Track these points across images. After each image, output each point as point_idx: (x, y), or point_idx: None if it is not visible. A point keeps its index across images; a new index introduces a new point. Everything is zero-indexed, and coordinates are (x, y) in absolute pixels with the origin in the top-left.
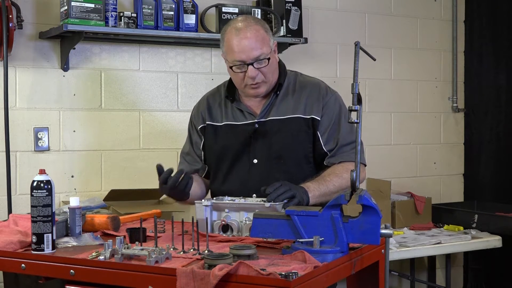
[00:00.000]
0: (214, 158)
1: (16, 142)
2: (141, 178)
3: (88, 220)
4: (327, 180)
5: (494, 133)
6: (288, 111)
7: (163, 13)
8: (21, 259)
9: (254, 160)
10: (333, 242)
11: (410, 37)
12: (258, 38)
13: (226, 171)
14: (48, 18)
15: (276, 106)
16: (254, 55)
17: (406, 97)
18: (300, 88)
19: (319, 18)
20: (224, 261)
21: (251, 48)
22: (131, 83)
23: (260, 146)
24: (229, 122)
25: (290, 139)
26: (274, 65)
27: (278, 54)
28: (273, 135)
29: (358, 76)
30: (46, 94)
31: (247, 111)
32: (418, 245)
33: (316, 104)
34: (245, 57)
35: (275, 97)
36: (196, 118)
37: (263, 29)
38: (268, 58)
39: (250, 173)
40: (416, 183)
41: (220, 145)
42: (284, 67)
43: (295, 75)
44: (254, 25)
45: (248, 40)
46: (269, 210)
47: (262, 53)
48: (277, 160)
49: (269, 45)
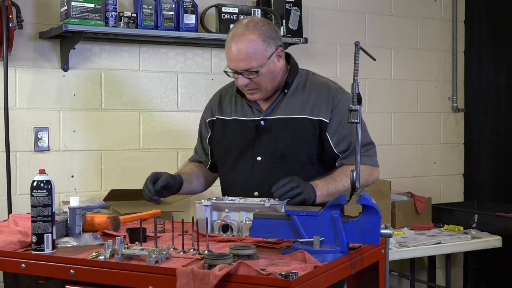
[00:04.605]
0: (220, 152)
1: (16, 142)
2: (141, 178)
3: (88, 220)
4: (337, 180)
5: (494, 133)
6: (295, 111)
7: (163, 13)
8: (21, 259)
9: (257, 158)
10: (333, 242)
11: (410, 37)
12: (249, 50)
13: (230, 165)
14: (48, 18)
15: (283, 104)
16: (241, 67)
17: (406, 97)
18: (309, 88)
19: (319, 18)
20: (224, 261)
21: (239, 60)
22: (131, 83)
23: (265, 144)
24: (238, 117)
25: (294, 139)
26: (272, 73)
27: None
28: (278, 134)
29: (358, 76)
30: (46, 94)
31: (255, 107)
32: (418, 245)
33: (325, 106)
34: (234, 66)
35: (282, 95)
36: (206, 111)
37: (261, 39)
38: (257, 71)
39: (253, 170)
40: (416, 183)
41: (227, 139)
42: (295, 66)
43: (307, 74)
44: (250, 34)
45: (238, 51)
46: (269, 210)
47: (250, 66)
48: (280, 159)
49: (263, 56)
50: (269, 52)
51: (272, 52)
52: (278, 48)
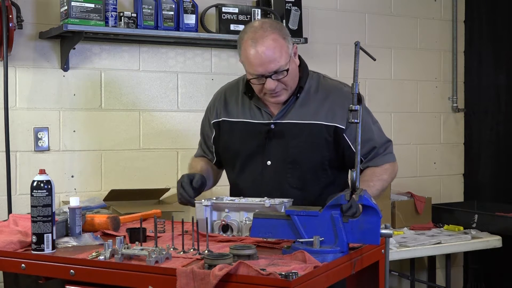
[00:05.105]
0: (228, 155)
1: (16, 142)
2: (141, 178)
3: (88, 220)
4: (371, 185)
5: (494, 133)
6: (308, 116)
7: (163, 13)
8: (21, 259)
9: (267, 162)
10: (333, 242)
11: (410, 37)
12: (275, 49)
13: (239, 169)
14: (48, 18)
15: (296, 109)
16: (271, 69)
17: (406, 97)
18: (323, 92)
19: (319, 18)
20: (224, 261)
21: (269, 61)
22: (131, 83)
23: (275, 148)
24: (246, 119)
25: (307, 144)
26: (295, 71)
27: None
28: (290, 139)
29: (358, 76)
30: (46, 94)
31: (265, 110)
32: (418, 245)
33: (341, 112)
34: (263, 70)
35: (295, 99)
36: (211, 111)
37: (281, 37)
38: (287, 70)
39: (262, 174)
40: (416, 183)
41: (235, 142)
42: (306, 68)
43: (318, 77)
44: (271, 34)
45: (265, 53)
46: (269, 210)
47: (280, 66)
48: (291, 165)
49: (287, 53)
50: (290, 49)
51: (292, 49)
52: (294, 44)
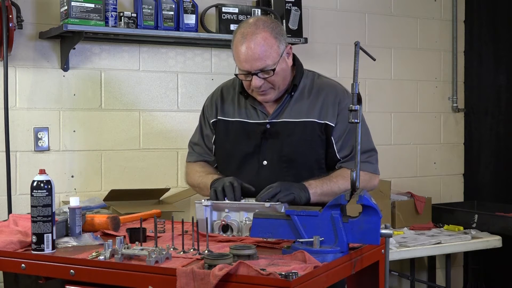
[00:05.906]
0: (223, 155)
1: (16, 142)
2: (141, 178)
3: (88, 220)
4: (333, 181)
5: (494, 133)
6: (302, 114)
7: (163, 13)
8: (21, 259)
9: (263, 162)
10: (333, 242)
11: (410, 37)
12: (263, 48)
13: (234, 169)
14: (48, 18)
15: (290, 107)
16: (257, 67)
17: (406, 97)
18: (316, 90)
19: (319, 18)
20: (224, 261)
21: (255, 59)
22: (131, 83)
23: (271, 147)
24: (241, 119)
25: (302, 143)
26: (285, 72)
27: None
28: (285, 138)
29: (358, 76)
30: (46, 94)
31: (260, 109)
32: (418, 245)
33: (332, 109)
34: (248, 67)
35: (289, 98)
36: (209, 111)
37: (272, 36)
38: (274, 69)
39: (259, 174)
40: (416, 183)
41: (230, 142)
42: (301, 67)
43: (313, 76)
44: (261, 32)
45: (252, 50)
46: (269, 210)
47: (266, 65)
48: (287, 164)
49: (277, 53)
50: (281, 49)
51: (283, 49)
52: (288, 45)
